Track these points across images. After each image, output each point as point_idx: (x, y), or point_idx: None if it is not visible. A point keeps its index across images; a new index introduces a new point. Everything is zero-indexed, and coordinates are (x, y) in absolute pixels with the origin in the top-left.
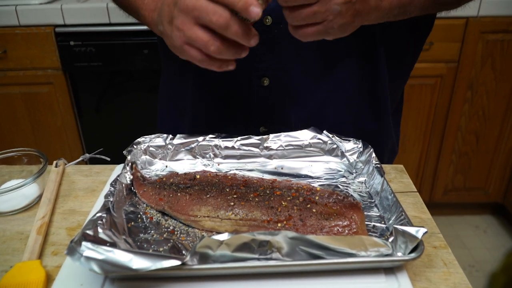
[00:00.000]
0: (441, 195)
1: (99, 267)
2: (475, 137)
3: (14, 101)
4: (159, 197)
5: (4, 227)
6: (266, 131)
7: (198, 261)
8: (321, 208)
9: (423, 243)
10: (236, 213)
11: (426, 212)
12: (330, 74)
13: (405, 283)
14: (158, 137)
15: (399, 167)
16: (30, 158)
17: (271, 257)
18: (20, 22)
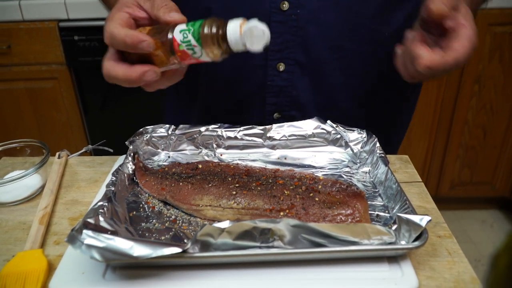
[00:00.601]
0: (448, 189)
1: (100, 255)
2: (482, 131)
3: (19, 96)
4: (161, 186)
5: (6, 217)
6: (279, 117)
7: (200, 249)
8: (324, 197)
9: (427, 231)
10: (238, 202)
11: (431, 201)
12: (348, 59)
13: (408, 271)
14: (160, 128)
15: (404, 157)
16: (32, 149)
17: (273, 245)
18: (24, 17)
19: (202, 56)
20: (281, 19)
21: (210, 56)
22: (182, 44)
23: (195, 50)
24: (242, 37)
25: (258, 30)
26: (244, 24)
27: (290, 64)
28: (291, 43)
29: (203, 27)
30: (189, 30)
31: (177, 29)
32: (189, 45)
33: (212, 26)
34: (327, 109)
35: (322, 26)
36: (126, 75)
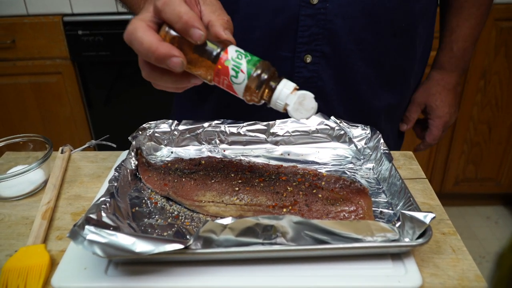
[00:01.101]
0: (452, 185)
1: (102, 251)
2: (487, 127)
3: (23, 91)
4: (164, 182)
5: (9, 212)
6: None
7: (202, 246)
8: (327, 194)
9: (431, 228)
10: (241, 198)
11: (435, 198)
12: (369, 51)
13: (412, 269)
14: (163, 123)
15: (408, 154)
16: (35, 144)
17: (276, 241)
18: (28, 11)
19: (238, 85)
20: (310, 12)
21: (245, 93)
22: (230, 61)
23: (239, 76)
24: (289, 97)
25: (309, 101)
26: (299, 91)
27: (316, 56)
28: (318, 36)
29: (259, 66)
30: (245, 56)
31: (233, 47)
32: (237, 68)
33: (267, 73)
34: (349, 99)
35: (348, 19)
36: (152, 45)
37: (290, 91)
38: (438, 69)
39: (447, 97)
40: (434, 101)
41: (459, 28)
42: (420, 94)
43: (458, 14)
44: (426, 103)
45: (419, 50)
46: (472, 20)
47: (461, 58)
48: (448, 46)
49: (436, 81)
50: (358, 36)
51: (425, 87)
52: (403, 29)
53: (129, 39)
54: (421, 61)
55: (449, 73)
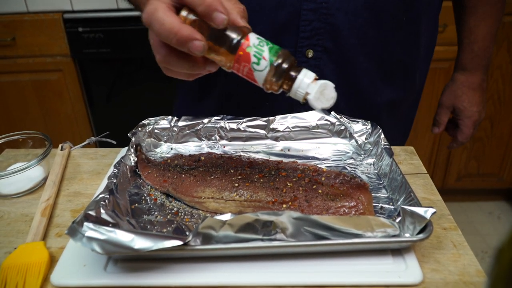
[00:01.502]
0: (454, 181)
1: (100, 247)
2: (489, 122)
3: (24, 88)
4: (163, 178)
5: (9, 210)
6: (305, 102)
7: (201, 242)
8: (327, 189)
9: (431, 223)
10: (240, 194)
11: (436, 193)
12: (371, 45)
13: (412, 264)
14: (163, 119)
15: (409, 149)
16: (35, 141)
17: (275, 237)
18: (28, 9)
19: (260, 72)
20: (312, 7)
21: (266, 81)
22: (252, 47)
23: (261, 63)
24: (310, 86)
25: (329, 91)
26: (320, 80)
27: (318, 51)
28: (320, 31)
29: (281, 54)
30: (267, 43)
31: (254, 34)
32: (259, 55)
33: (288, 61)
34: (351, 93)
35: (350, 14)
36: (174, 26)
37: (311, 81)
38: (461, 70)
39: (473, 97)
40: (461, 102)
41: (477, 28)
42: (446, 97)
43: (473, 14)
44: (454, 105)
45: (423, 45)
46: (488, 19)
47: (483, 56)
48: (468, 47)
49: (460, 83)
50: (360, 30)
51: (450, 90)
52: (405, 23)
53: (148, 19)
54: (426, 56)
55: (472, 73)
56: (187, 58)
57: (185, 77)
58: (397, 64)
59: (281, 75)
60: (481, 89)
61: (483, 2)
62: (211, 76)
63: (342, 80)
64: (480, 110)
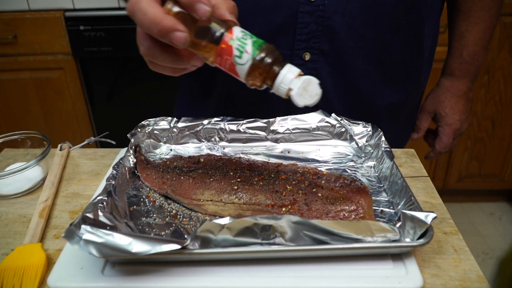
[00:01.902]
0: (455, 181)
1: (97, 251)
2: (491, 122)
3: (25, 86)
4: (162, 180)
5: (7, 210)
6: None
7: (199, 246)
8: (327, 193)
9: (432, 228)
10: (239, 197)
11: (437, 197)
12: (369, 47)
13: (413, 269)
14: (162, 120)
15: (410, 151)
16: (34, 141)
17: (274, 242)
18: (30, 7)
19: (242, 66)
20: (308, 9)
21: (248, 75)
22: (235, 40)
23: (243, 57)
24: (293, 82)
25: (314, 87)
26: (304, 76)
27: (315, 54)
28: (317, 33)
29: (264, 48)
30: (251, 37)
31: (239, 27)
32: (242, 48)
33: (271, 56)
34: (349, 96)
35: (347, 16)
36: (156, 16)
37: (294, 76)
38: (448, 76)
39: (457, 104)
40: (443, 108)
41: (469, 33)
42: (429, 102)
43: (466, 18)
44: (436, 110)
45: (426, 47)
46: (481, 24)
47: (472, 63)
48: (457, 52)
49: (445, 88)
50: (358, 33)
51: (434, 95)
52: (405, 25)
53: (132, 9)
54: (428, 59)
55: (459, 80)
56: (171, 51)
57: (170, 72)
58: (398, 67)
59: (263, 70)
60: (466, 98)
61: (478, 7)
62: (212, 76)
63: (340, 83)
64: (463, 119)
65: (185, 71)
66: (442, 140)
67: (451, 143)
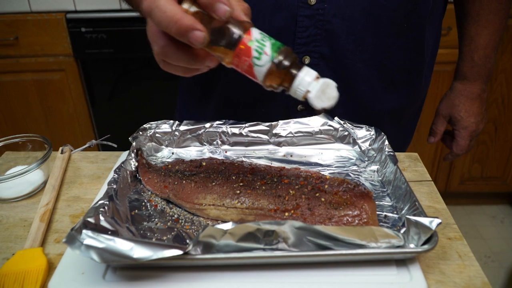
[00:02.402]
0: (458, 184)
1: (99, 256)
2: (493, 125)
3: (26, 88)
4: (164, 184)
5: (7, 214)
6: (303, 109)
7: (202, 251)
8: (330, 197)
9: (437, 234)
10: (242, 202)
11: (441, 202)
12: (369, 51)
13: (417, 275)
14: (164, 123)
15: (414, 155)
16: (34, 144)
17: (277, 247)
18: (31, 8)
19: (260, 67)
20: (308, 13)
21: (265, 77)
22: (254, 42)
23: (262, 58)
24: (311, 84)
25: (331, 90)
26: (321, 79)
27: (315, 57)
28: (317, 37)
29: (283, 50)
30: (270, 39)
31: (256, 29)
32: (260, 50)
33: (290, 58)
34: (349, 100)
35: (347, 20)
36: (175, 14)
37: (312, 79)
38: (460, 80)
39: (471, 106)
40: (458, 112)
41: (478, 37)
42: (444, 106)
43: (475, 22)
44: (451, 114)
45: (427, 51)
46: (490, 27)
47: (483, 66)
48: (468, 56)
49: (459, 92)
50: (358, 37)
51: (448, 99)
52: (406, 29)
53: (149, 7)
54: (430, 62)
55: (472, 83)
56: (186, 50)
57: (182, 72)
58: (400, 71)
59: (281, 71)
60: (480, 100)
61: (486, 10)
62: (211, 80)
63: (340, 87)
64: (478, 121)
65: (198, 72)
66: (459, 143)
67: (468, 145)
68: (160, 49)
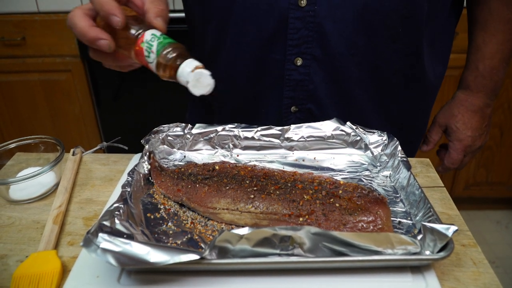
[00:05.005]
0: (462, 189)
1: (115, 260)
2: (499, 130)
3: (33, 88)
4: (177, 188)
5: (20, 216)
6: (297, 110)
7: (217, 255)
8: (345, 203)
9: (452, 241)
10: (256, 206)
11: (454, 208)
12: (362, 54)
13: (433, 282)
14: (176, 126)
15: (425, 161)
16: (47, 145)
17: (293, 253)
18: (39, 9)
19: (151, 65)
20: (298, 15)
21: (156, 68)
22: (144, 43)
23: (150, 56)
24: (188, 75)
25: (205, 79)
26: (198, 69)
27: (307, 59)
28: (308, 39)
29: (167, 47)
30: (158, 39)
31: (150, 31)
32: (149, 49)
33: (175, 51)
34: (342, 102)
35: (339, 22)
36: (83, 30)
37: (190, 69)
38: (463, 89)
39: (470, 119)
40: (455, 122)
41: (485, 45)
42: (442, 115)
43: (483, 30)
44: (447, 124)
45: (427, 57)
46: (499, 36)
47: (489, 78)
48: (473, 65)
49: (459, 102)
50: (350, 39)
51: (447, 107)
52: (402, 34)
53: (68, 24)
54: (440, 69)
55: (474, 94)
56: (109, 55)
57: (118, 68)
58: (395, 76)
59: (166, 66)
60: (482, 114)
61: (495, 18)
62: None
63: (334, 89)
64: (476, 136)
65: (131, 68)
66: (451, 156)
67: (460, 159)
68: (93, 54)
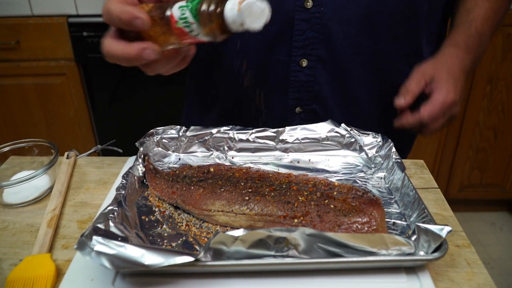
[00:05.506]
0: (457, 191)
1: (110, 263)
2: (493, 133)
3: (27, 92)
4: (172, 190)
5: (14, 219)
6: (301, 111)
7: (212, 257)
8: (339, 204)
9: (447, 242)
10: (251, 208)
11: (448, 209)
12: (367, 55)
13: (427, 283)
14: (171, 129)
15: (419, 162)
16: (41, 149)
17: (288, 254)
18: (33, 12)
19: (199, 35)
20: (304, 17)
21: (208, 35)
22: (179, 21)
23: (192, 28)
24: (240, 15)
25: (256, 7)
26: (242, 3)
27: (312, 60)
28: (314, 40)
29: (202, 3)
30: (188, 7)
31: (176, 6)
32: (187, 23)
33: (210, 3)
34: (347, 103)
35: (344, 23)
36: (124, 52)
37: (236, 9)
38: (453, 46)
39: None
40: (447, 69)
41: (478, 7)
42: (430, 64)
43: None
44: (435, 74)
45: (426, 56)
46: (492, 1)
47: (478, 42)
48: (465, 25)
49: (452, 53)
50: (355, 40)
51: (436, 58)
52: (403, 34)
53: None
54: None
55: (464, 53)
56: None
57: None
58: (397, 75)
59: (211, 21)
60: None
61: None
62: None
63: (338, 90)
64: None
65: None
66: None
67: (437, 114)
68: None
